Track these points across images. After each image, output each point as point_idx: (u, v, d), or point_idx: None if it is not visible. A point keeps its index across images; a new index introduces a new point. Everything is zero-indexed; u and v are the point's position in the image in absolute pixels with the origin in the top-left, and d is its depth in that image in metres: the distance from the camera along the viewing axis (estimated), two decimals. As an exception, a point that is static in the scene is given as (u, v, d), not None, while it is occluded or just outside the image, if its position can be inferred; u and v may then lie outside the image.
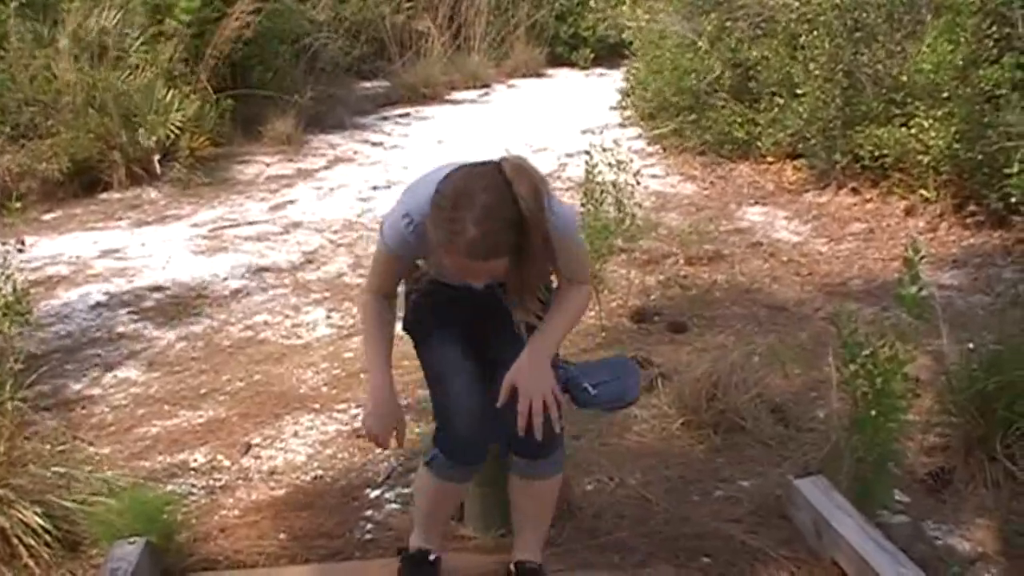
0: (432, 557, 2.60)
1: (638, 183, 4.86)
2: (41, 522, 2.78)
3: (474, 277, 2.18)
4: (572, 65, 13.11)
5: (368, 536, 2.98)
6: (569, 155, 7.87)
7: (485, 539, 2.79)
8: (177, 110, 7.53)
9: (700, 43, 7.74)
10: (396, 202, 2.34)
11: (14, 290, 3.69)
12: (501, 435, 2.38)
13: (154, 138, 7.35)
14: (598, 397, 2.48)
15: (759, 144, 7.32)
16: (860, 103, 6.37)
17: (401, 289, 2.58)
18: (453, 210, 2.04)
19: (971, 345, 3.53)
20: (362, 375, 4.18)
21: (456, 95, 11.47)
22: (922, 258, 2.83)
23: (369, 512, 3.12)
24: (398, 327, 2.54)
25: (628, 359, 2.71)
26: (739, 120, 7.48)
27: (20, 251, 4.48)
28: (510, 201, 2.04)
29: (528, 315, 2.35)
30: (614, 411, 2.61)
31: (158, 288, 5.38)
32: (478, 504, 2.83)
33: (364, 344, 2.50)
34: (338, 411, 3.88)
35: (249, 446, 3.61)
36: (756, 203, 6.75)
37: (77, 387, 4.21)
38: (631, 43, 8.95)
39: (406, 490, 3.22)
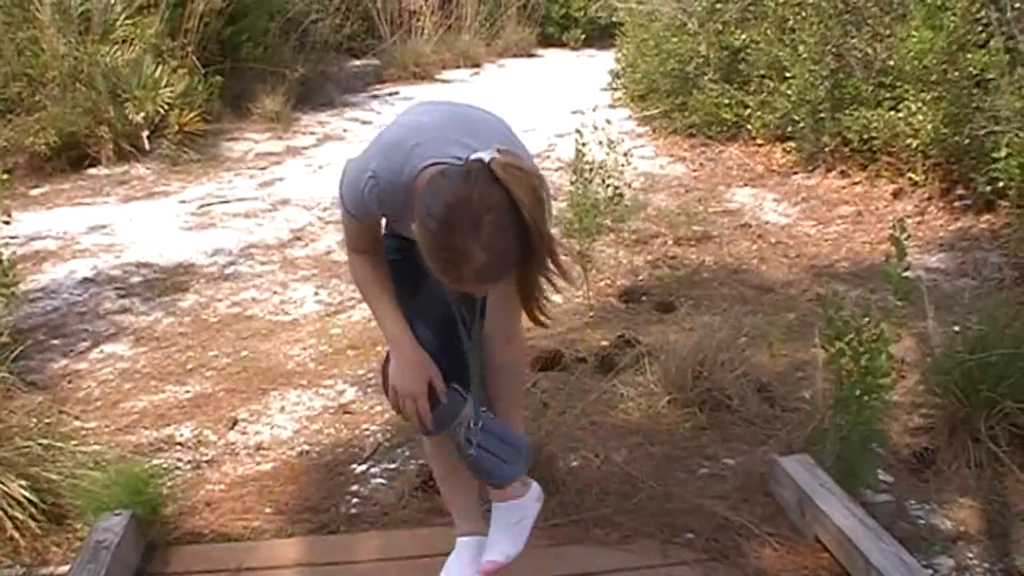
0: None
1: (628, 163, 4.86)
2: (27, 494, 2.77)
3: (478, 292, 1.97)
4: (563, 46, 13.10)
5: (354, 511, 2.98)
6: (559, 135, 7.86)
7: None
8: (166, 86, 7.49)
9: (690, 24, 7.73)
10: (363, 152, 2.05)
11: (0, 262, 3.68)
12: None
13: (143, 114, 7.32)
14: (472, 458, 2.21)
15: (748, 126, 7.34)
16: (849, 86, 6.38)
17: None
18: (452, 236, 1.74)
19: (956, 327, 3.55)
20: (349, 351, 4.19)
21: (446, 74, 11.45)
22: (907, 237, 2.84)
23: (355, 487, 3.13)
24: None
25: (526, 448, 2.33)
26: (728, 102, 7.49)
27: (6, 223, 4.48)
28: (513, 212, 1.74)
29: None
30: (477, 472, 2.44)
31: (146, 264, 5.37)
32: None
33: (368, 302, 2.22)
34: (325, 387, 3.88)
35: (235, 421, 3.61)
36: (745, 185, 6.75)
37: (64, 362, 4.20)
38: (622, 24, 8.94)
39: (392, 465, 3.23)
